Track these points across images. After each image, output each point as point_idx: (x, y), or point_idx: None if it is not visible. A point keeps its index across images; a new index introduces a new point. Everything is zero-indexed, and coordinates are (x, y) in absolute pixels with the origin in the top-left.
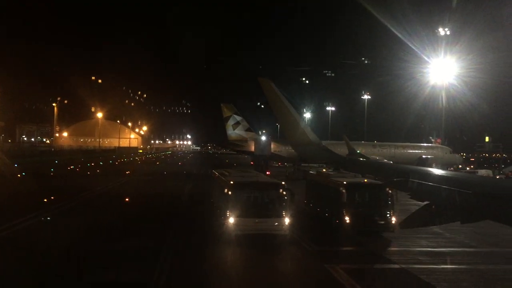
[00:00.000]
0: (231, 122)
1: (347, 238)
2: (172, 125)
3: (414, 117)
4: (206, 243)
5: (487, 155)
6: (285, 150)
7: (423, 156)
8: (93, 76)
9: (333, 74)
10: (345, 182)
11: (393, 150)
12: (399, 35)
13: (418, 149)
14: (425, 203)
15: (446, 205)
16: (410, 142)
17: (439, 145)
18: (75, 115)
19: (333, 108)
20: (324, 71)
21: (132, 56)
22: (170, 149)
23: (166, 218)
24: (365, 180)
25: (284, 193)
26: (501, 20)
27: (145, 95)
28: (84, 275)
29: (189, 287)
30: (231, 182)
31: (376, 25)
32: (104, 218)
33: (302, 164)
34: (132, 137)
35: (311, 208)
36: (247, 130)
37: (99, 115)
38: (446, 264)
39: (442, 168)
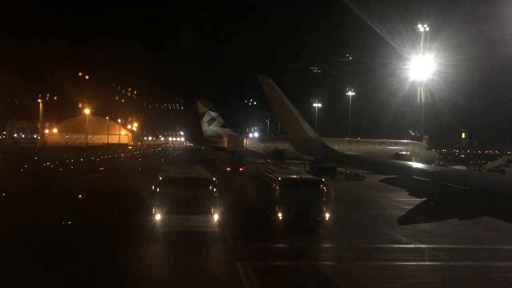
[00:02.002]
0: (206, 118)
1: (279, 235)
2: (165, 122)
3: (398, 113)
4: (128, 241)
5: (480, 151)
6: (260, 146)
7: (399, 153)
8: (84, 72)
9: (319, 71)
10: (279, 178)
11: (369, 147)
12: (383, 33)
13: (394, 146)
14: (424, 199)
15: (444, 201)
16: (397, 138)
17: (416, 142)
18: (66, 111)
19: (319, 105)
20: (311, 68)
21: (125, 52)
22: (163, 145)
23: (106, 216)
24: (300, 176)
25: (214, 189)
26: (478, 17)
27: (136, 92)
28: None
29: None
30: (160, 178)
31: (364, 24)
32: (42, 216)
33: (285, 161)
34: (122, 133)
35: (258, 204)
36: (223, 126)
37: (87, 111)
38: (362, 261)
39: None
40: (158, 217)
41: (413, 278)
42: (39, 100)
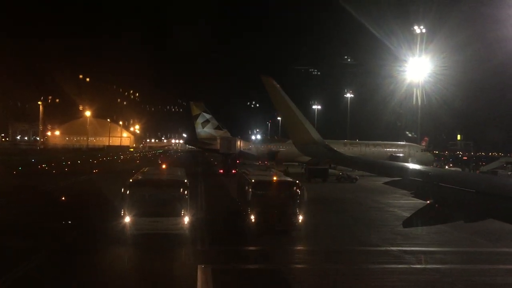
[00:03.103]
0: (200, 120)
1: (250, 237)
2: (168, 124)
3: (396, 115)
4: (93, 243)
5: (483, 153)
6: (254, 148)
7: (394, 155)
8: (87, 75)
9: (318, 73)
10: (252, 180)
11: (363, 148)
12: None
13: (389, 147)
14: (429, 201)
15: (449, 204)
16: (395, 140)
17: (411, 144)
18: (69, 114)
19: (319, 107)
20: (310, 69)
21: (127, 54)
22: (165, 147)
23: (79, 218)
24: (274, 178)
25: (186, 191)
26: (474, 18)
27: (138, 94)
28: None
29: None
30: (130, 180)
31: (362, 26)
32: (16, 216)
33: (283, 163)
34: (124, 135)
35: (238, 206)
36: (217, 128)
37: (88, 113)
38: (327, 264)
39: None
40: (127, 219)
41: (373, 281)
42: (39, 102)
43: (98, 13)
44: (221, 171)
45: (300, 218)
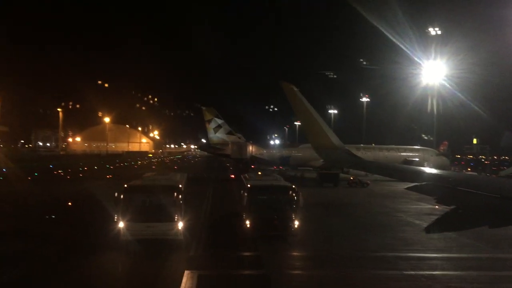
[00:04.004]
0: (212, 126)
1: (245, 243)
2: (187, 129)
3: (412, 118)
4: (82, 250)
5: (507, 157)
6: (266, 153)
7: (408, 159)
8: (107, 81)
9: (335, 76)
10: (248, 185)
11: (377, 153)
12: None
13: (403, 152)
14: (452, 207)
15: (473, 209)
16: (412, 144)
17: (425, 148)
18: (91, 120)
19: (335, 111)
20: (327, 73)
21: (147, 61)
22: (184, 153)
23: (78, 222)
24: (272, 183)
25: (180, 196)
26: (490, 20)
27: (157, 99)
28: None
29: None
30: (124, 186)
31: (375, 28)
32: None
33: (298, 168)
34: (144, 141)
35: (237, 211)
36: (229, 133)
37: (107, 119)
38: (316, 270)
39: None
40: (121, 224)
41: (359, 286)
42: (58, 109)
43: (117, 19)
44: (232, 176)
45: (296, 223)
